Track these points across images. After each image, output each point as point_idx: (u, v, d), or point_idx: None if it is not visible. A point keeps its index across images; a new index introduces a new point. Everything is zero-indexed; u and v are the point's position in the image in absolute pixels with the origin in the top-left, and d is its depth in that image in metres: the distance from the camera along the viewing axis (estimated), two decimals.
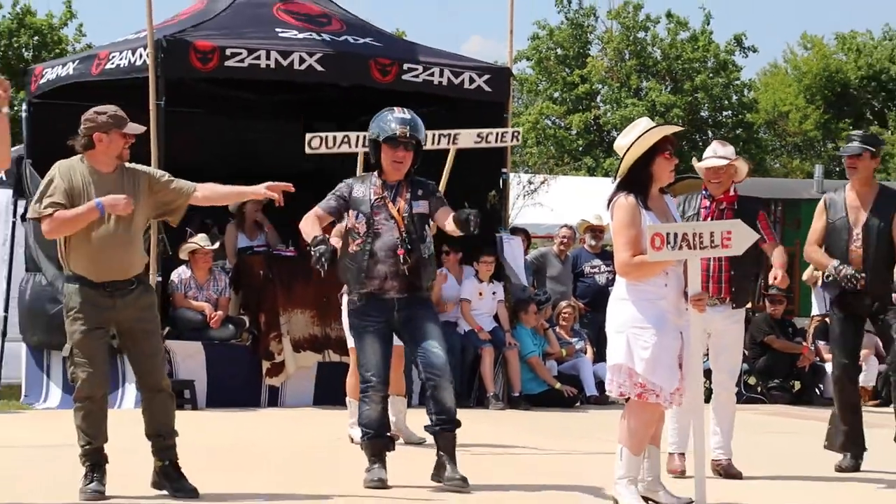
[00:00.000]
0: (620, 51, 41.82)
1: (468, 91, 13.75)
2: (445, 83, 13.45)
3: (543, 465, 9.44)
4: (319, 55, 12.97)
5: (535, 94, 42.81)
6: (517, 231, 15.17)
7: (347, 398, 10.05)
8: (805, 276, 16.69)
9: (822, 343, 15.32)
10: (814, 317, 16.65)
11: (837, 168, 36.27)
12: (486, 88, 13.87)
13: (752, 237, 7.49)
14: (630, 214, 7.28)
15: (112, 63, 13.21)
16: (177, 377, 12.23)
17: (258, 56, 12.89)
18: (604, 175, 34.62)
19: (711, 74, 41.31)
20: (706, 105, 42.06)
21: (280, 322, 12.97)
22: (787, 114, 44.35)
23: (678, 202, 8.50)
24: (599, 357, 14.31)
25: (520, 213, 20.49)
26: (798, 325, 16.17)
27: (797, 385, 15.61)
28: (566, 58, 42.33)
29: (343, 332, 10.07)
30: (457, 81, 13.62)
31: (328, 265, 7.63)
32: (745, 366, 14.83)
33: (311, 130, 11.81)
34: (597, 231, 15.46)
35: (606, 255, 14.91)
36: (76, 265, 7.48)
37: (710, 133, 42.47)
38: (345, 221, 8.17)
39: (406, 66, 13.34)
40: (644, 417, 7.35)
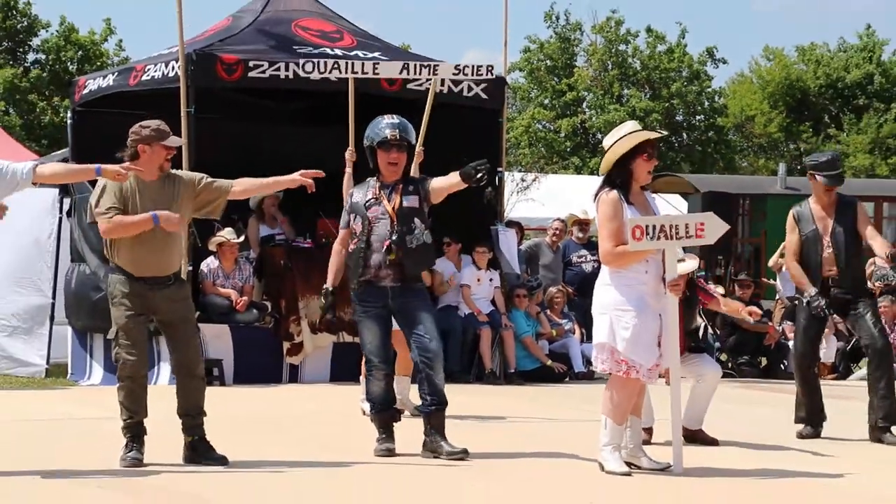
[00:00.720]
0: (604, 62, 41.82)
1: (467, 98, 13.70)
2: (446, 91, 13.38)
3: (537, 434, 9.42)
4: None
5: (528, 101, 42.83)
6: (512, 224, 15.12)
7: (361, 376, 10.01)
8: (770, 263, 16.68)
9: (789, 324, 15.28)
10: (778, 300, 16.62)
11: (798, 167, 36.22)
12: (483, 96, 13.82)
13: (723, 228, 7.47)
14: (613, 208, 7.28)
15: (147, 75, 13.18)
16: (206, 357, 12.17)
17: (278, 68, 12.86)
18: (590, 173, 34.63)
19: (686, 83, 41.37)
20: (681, 110, 42.12)
21: (299, 307, 12.94)
22: (754, 118, 44.34)
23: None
24: (586, 337, 14.29)
25: (514, 208, 20.49)
26: (764, 307, 16.13)
27: (764, 361, 15.58)
28: (555, 68, 42.35)
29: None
30: (456, 90, 13.56)
31: (330, 314, 8.84)
32: (717, 343, 14.81)
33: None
34: (583, 224, 15.40)
35: (592, 246, 14.84)
36: (120, 260, 7.47)
37: (685, 135, 42.52)
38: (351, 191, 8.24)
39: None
40: (626, 391, 7.35)
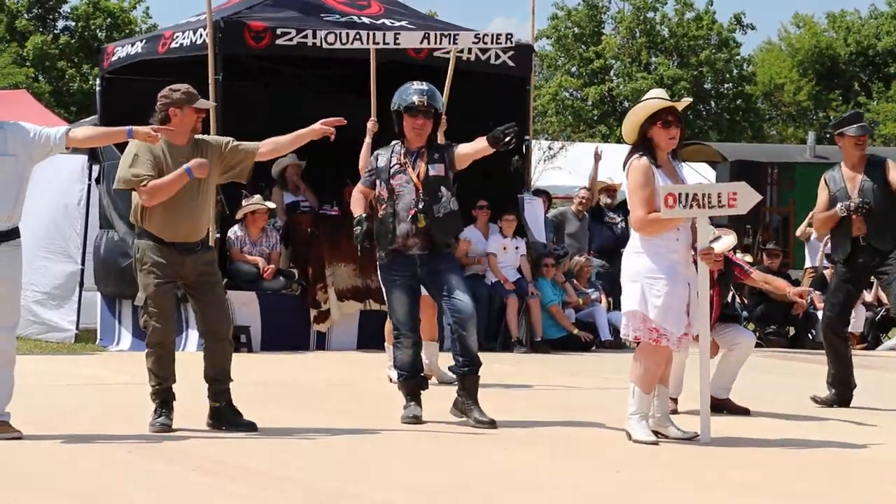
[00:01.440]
0: (632, 29, 41.62)
1: (494, 66, 13.64)
2: (474, 59, 13.33)
3: (563, 402, 9.41)
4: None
5: (555, 69, 42.69)
6: (539, 192, 15.10)
7: (386, 343, 10.02)
8: (798, 232, 16.57)
9: (818, 293, 15.20)
10: (807, 269, 16.54)
11: (828, 135, 35.95)
12: (511, 63, 13.76)
13: (756, 198, 7.44)
14: (644, 175, 7.27)
15: (176, 42, 13.17)
16: (234, 324, 12.20)
17: (305, 35, 12.82)
18: (616, 142, 34.44)
19: (714, 50, 41.13)
20: (710, 78, 41.89)
21: (326, 274, 12.95)
22: (783, 86, 44.08)
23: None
24: (613, 306, 14.27)
25: (541, 177, 20.41)
26: (792, 277, 16.06)
27: (791, 330, 15.52)
28: (582, 36, 42.17)
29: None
30: (484, 57, 13.50)
31: (367, 241, 7.84)
32: (745, 313, 14.76)
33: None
34: (610, 190, 15.46)
35: (620, 209, 14.90)
36: (151, 226, 7.46)
37: (713, 103, 42.28)
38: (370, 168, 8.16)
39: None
40: (654, 359, 7.33)
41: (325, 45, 11.38)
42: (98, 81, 14.26)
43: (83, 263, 13.56)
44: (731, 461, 6.97)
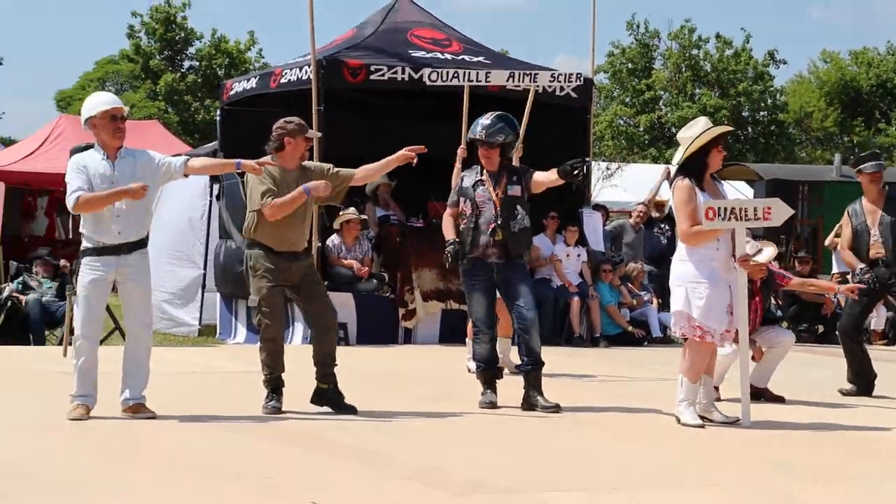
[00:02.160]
0: (678, 64, 41.31)
1: (559, 97, 13.56)
2: (541, 91, 13.27)
3: (619, 391, 9.33)
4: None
5: (611, 100, 42.49)
6: (598, 207, 15.00)
7: (467, 338, 9.99)
8: (827, 242, 16.29)
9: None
10: (833, 274, 16.26)
11: (851, 156, 35.38)
12: (573, 95, 13.67)
13: (789, 212, 7.35)
14: (687, 193, 7.24)
15: (284, 78, 13.27)
16: None
17: (396, 71, 12.86)
18: (665, 163, 34.13)
19: (751, 83, 40.73)
20: (747, 107, 41.48)
21: (412, 278, 12.96)
22: (811, 114, 43.54)
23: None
24: (663, 307, 14.13)
25: (599, 193, 20.31)
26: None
27: (821, 328, 15.27)
28: (635, 70, 41.95)
29: (461, 286, 10.01)
30: (550, 90, 13.43)
31: (455, 262, 7.94)
32: (779, 312, 14.52)
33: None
34: (659, 205, 15.39)
35: (668, 220, 14.82)
36: (263, 237, 7.49)
37: (750, 129, 41.88)
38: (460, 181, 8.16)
39: None
40: (699, 353, 7.27)
41: (429, 82, 11.26)
42: (219, 113, 14.38)
43: (205, 268, 13.68)
44: (769, 442, 6.87)
